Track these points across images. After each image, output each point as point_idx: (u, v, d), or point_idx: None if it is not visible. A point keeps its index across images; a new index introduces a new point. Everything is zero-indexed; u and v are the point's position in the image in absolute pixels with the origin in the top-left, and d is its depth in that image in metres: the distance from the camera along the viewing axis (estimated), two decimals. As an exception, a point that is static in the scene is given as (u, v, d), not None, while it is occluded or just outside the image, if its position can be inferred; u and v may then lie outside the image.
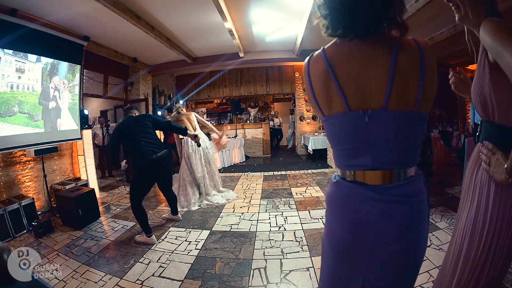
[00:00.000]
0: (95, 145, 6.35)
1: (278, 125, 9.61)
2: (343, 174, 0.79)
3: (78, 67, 4.02)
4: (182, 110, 3.90)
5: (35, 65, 3.35)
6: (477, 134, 0.98)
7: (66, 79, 3.84)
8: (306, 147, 7.12)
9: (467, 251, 0.93)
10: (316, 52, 0.76)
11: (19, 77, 3.16)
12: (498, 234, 0.86)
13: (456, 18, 0.96)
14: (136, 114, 2.89)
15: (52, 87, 3.61)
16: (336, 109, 0.72)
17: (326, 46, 0.75)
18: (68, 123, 3.90)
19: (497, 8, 0.88)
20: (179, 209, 3.30)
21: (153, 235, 2.62)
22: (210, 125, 4.25)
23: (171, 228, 2.92)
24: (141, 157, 2.61)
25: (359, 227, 0.74)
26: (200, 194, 3.78)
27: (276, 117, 9.65)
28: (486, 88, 0.86)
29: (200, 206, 3.61)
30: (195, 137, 3.13)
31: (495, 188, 0.86)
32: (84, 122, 4.21)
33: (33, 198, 3.18)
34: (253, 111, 9.60)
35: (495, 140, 0.88)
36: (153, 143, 2.69)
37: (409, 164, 0.73)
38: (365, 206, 0.73)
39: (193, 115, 3.97)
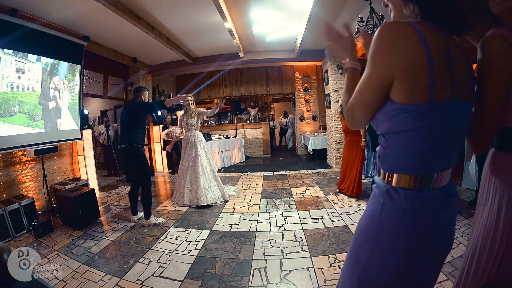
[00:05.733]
0: (99, 144, 6.39)
1: (284, 125, 9.64)
2: (408, 182, 0.67)
3: (78, 67, 4.02)
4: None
5: (35, 65, 3.35)
6: None
7: (66, 79, 3.84)
8: (306, 147, 7.12)
9: (480, 253, 0.95)
10: (418, 22, 0.66)
11: (19, 77, 3.15)
12: (508, 235, 0.87)
13: None
14: (142, 98, 3.14)
15: (52, 87, 3.60)
16: (444, 94, 0.62)
17: (423, 22, 0.66)
18: (68, 123, 3.89)
19: (486, 10, 0.87)
20: (215, 202, 3.62)
21: (133, 216, 3.17)
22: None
23: (171, 228, 2.92)
24: None
25: (427, 243, 0.70)
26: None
27: (284, 117, 9.62)
28: None
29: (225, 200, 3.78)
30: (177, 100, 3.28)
31: (507, 191, 0.87)
32: (84, 122, 4.21)
33: (33, 198, 3.17)
34: (253, 111, 9.60)
35: (508, 146, 0.90)
36: (123, 133, 3.07)
37: None
38: (438, 217, 0.69)
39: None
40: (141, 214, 3.18)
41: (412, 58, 0.60)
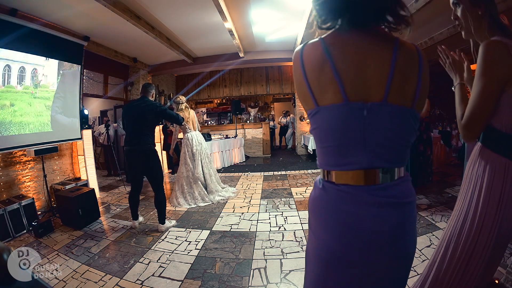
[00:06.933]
0: (99, 144, 6.39)
1: (284, 124, 9.65)
2: (329, 176, 0.73)
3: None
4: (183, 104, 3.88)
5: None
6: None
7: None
8: (306, 147, 7.12)
9: (458, 236, 1.06)
10: (313, 40, 0.71)
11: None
12: (487, 219, 0.96)
13: (463, 34, 1.07)
14: (152, 96, 2.93)
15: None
16: (331, 99, 0.66)
17: (324, 35, 0.70)
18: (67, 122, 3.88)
19: (498, 19, 0.97)
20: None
21: (135, 221, 2.98)
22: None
23: (171, 228, 2.91)
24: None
25: (351, 235, 0.68)
26: (209, 191, 3.91)
27: (284, 117, 9.61)
28: None
29: (211, 202, 3.76)
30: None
31: (488, 179, 0.97)
32: (84, 122, 4.21)
33: (33, 198, 3.18)
34: (253, 111, 9.60)
35: (491, 143, 1.00)
36: (129, 135, 2.78)
37: (401, 163, 0.70)
38: (358, 210, 0.67)
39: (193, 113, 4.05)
40: (141, 218, 3.13)
41: (297, 77, 0.72)
